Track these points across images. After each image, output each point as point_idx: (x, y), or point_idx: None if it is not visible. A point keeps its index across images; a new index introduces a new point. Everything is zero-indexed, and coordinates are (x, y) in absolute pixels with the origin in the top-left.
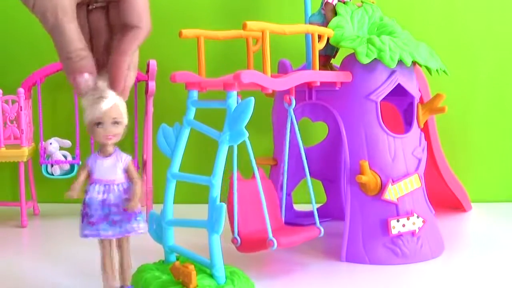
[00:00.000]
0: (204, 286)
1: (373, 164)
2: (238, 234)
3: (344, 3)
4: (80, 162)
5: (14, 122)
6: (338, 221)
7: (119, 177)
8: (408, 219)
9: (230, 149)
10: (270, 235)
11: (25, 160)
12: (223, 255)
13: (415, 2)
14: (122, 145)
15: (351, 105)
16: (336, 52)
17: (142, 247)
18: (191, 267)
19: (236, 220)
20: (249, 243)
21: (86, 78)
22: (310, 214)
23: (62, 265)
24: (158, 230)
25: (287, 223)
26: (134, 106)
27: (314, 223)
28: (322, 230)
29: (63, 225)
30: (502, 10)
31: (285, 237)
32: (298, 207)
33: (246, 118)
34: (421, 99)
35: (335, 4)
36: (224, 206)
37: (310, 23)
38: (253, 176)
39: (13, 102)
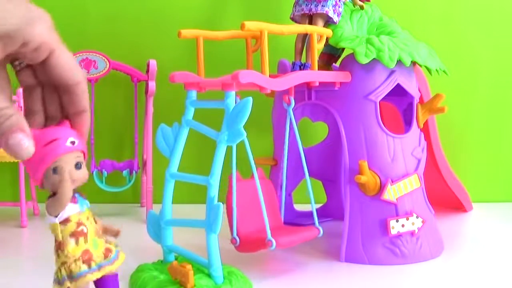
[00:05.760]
0: (201, 286)
1: (373, 164)
2: (237, 234)
3: (343, 3)
4: None
5: None
6: (338, 221)
7: None
8: (407, 219)
9: (229, 149)
10: (269, 235)
11: None
12: (222, 255)
13: (415, 2)
14: (123, 145)
15: (350, 105)
16: (342, 51)
17: (141, 247)
18: (189, 267)
19: (235, 220)
20: (248, 243)
21: (20, 138)
22: (310, 214)
23: None
24: (157, 230)
25: (287, 223)
26: (134, 106)
27: (313, 223)
28: (321, 230)
29: None
30: (502, 10)
31: (283, 237)
32: (298, 207)
33: (244, 118)
34: (421, 99)
35: None
36: (221, 205)
37: None
38: (252, 176)
39: (13, 102)
